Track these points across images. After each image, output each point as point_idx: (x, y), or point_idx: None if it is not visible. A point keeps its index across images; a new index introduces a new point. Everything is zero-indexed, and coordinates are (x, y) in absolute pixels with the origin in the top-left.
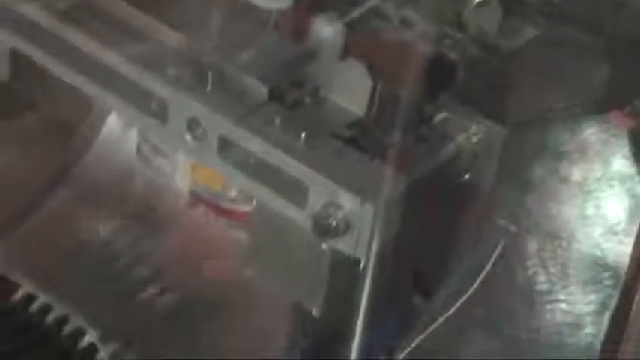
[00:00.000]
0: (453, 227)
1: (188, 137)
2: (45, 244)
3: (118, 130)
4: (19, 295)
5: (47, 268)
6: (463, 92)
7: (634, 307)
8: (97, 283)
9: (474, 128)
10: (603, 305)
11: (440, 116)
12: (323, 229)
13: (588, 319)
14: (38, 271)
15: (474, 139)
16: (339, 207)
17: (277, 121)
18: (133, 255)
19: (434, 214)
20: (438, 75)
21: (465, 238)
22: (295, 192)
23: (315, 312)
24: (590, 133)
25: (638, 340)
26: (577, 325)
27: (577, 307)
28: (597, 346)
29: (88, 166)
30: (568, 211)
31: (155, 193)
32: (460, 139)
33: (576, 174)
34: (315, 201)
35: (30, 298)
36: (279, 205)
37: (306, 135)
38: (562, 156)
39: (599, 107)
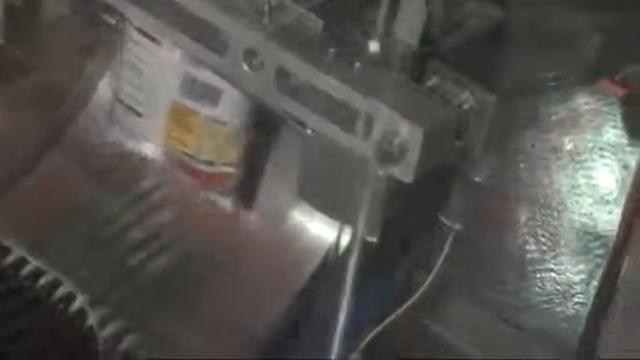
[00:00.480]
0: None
1: (245, 68)
2: (37, 208)
3: (109, 94)
4: (10, 259)
5: (39, 232)
6: (455, 59)
7: (622, 275)
8: (89, 247)
9: (465, 94)
10: (593, 274)
11: (431, 81)
12: (384, 156)
13: (578, 288)
14: (30, 235)
15: (466, 106)
16: (395, 134)
17: (332, 52)
18: (126, 219)
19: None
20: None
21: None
22: (350, 121)
23: (371, 238)
24: (582, 102)
25: (626, 308)
26: (566, 294)
27: (567, 276)
28: (585, 315)
29: (80, 130)
30: (559, 180)
31: (147, 158)
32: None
33: (568, 143)
34: (378, 129)
35: (21, 263)
36: (336, 134)
37: (360, 65)
38: (553, 125)
39: (591, 76)
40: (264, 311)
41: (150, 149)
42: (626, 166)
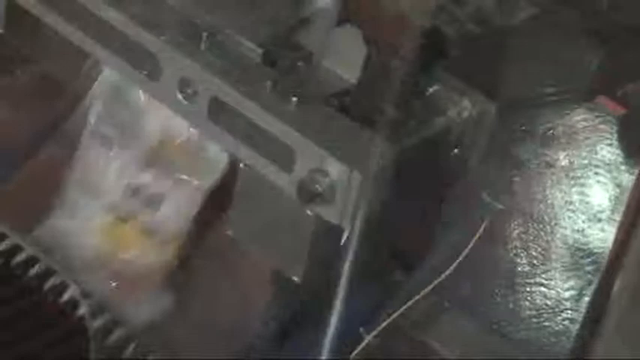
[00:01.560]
0: (437, 202)
1: (179, 96)
2: (33, 198)
3: (109, 85)
4: (3, 245)
5: (34, 221)
6: (456, 67)
7: (613, 295)
8: None
9: (465, 103)
10: (583, 291)
11: (432, 89)
12: (308, 195)
13: (567, 303)
14: (23, 225)
15: (465, 114)
16: (325, 174)
17: (269, 84)
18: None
19: (420, 187)
20: (432, 49)
21: (449, 213)
22: (283, 157)
23: (296, 279)
24: (579, 118)
25: (616, 328)
26: (556, 309)
27: (557, 292)
28: (575, 331)
29: (77, 121)
30: (552, 196)
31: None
32: (451, 112)
33: (563, 159)
34: (302, 166)
35: (14, 250)
36: (265, 168)
37: (297, 100)
38: (549, 140)
39: (591, 92)
40: (253, 317)
41: None
42: (619, 185)
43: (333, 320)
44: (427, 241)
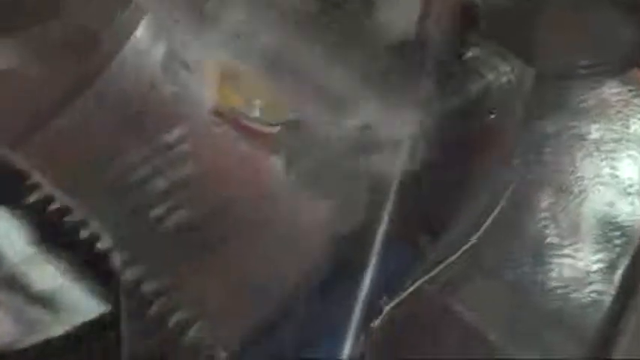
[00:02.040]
0: (468, 168)
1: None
2: (66, 151)
3: (143, 42)
4: (38, 195)
5: (64, 175)
6: (494, 32)
7: None
8: (114, 193)
9: (504, 66)
10: (611, 264)
11: (471, 53)
12: (365, 145)
13: (595, 276)
14: (55, 178)
15: (504, 78)
16: (381, 124)
17: (327, 33)
18: (150, 169)
19: (454, 151)
20: (463, 16)
21: (479, 179)
22: (339, 106)
23: (344, 230)
24: (612, 91)
25: None
26: (583, 282)
27: (585, 264)
28: (602, 304)
29: (111, 77)
30: (582, 168)
31: (179, 109)
32: (490, 76)
33: (594, 132)
34: (360, 116)
35: (48, 200)
36: (321, 117)
37: (354, 50)
38: (581, 112)
39: (624, 65)
40: (290, 273)
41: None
42: None
43: (370, 277)
44: (455, 206)
